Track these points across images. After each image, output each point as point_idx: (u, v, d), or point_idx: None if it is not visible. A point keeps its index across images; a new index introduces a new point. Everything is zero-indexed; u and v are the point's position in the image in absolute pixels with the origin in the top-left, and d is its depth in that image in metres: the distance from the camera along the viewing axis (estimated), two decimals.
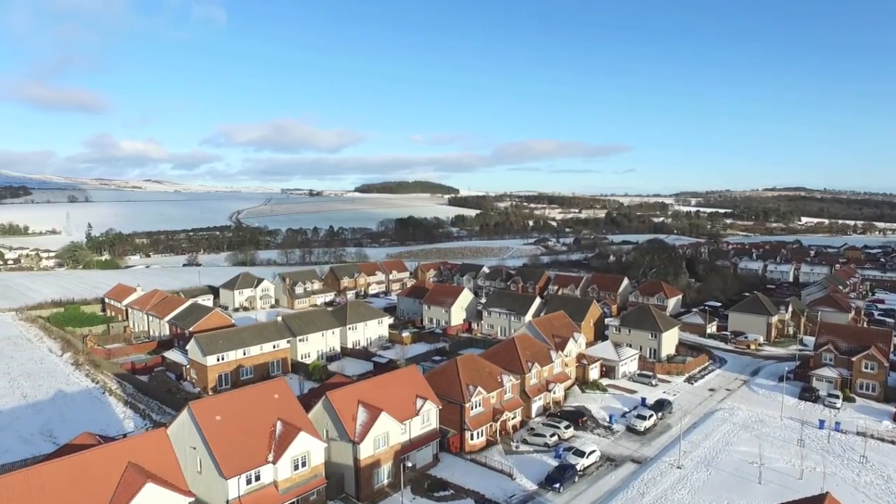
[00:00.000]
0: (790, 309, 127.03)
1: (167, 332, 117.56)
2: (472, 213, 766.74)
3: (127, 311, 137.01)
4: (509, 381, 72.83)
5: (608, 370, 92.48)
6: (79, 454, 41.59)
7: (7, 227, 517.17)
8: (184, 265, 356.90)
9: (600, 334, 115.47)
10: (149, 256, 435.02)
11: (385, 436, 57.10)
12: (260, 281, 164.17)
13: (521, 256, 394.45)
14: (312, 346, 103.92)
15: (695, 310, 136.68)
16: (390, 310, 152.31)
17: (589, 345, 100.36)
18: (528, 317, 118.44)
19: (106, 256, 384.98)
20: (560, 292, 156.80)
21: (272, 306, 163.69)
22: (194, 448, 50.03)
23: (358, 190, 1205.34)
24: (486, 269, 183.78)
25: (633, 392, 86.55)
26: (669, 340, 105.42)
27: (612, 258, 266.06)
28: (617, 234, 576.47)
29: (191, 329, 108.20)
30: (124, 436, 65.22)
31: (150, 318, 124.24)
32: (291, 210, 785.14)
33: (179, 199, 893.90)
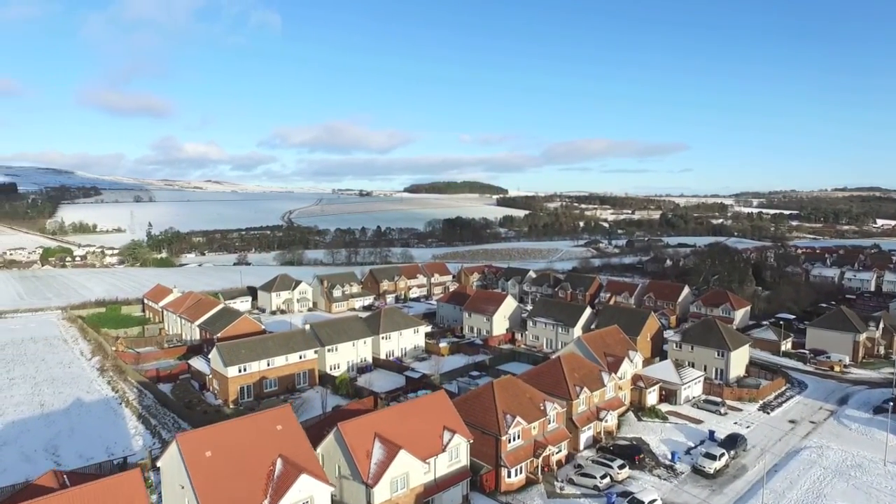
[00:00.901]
0: (881, 325, 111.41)
1: (197, 337, 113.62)
2: (520, 213, 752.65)
3: (163, 312, 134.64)
4: (554, 408, 63.32)
5: (668, 394, 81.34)
6: None
7: (78, 225, 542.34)
8: (234, 264, 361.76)
9: (658, 351, 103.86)
10: (203, 255, 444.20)
11: (404, 477, 48.91)
12: (298, 283, 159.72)
13: (571, 259, 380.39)
14: (342, 357, 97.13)
15: (765, 323, 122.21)
16: (430, 315, 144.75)
17: (646, 364, 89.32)
18: (578, 329, 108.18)
19: (164, 255, 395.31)
20: (613, 300, 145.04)
21: (309, 309, 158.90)
22: (182, 487, 43.28)
23: (407, 190, 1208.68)
24: (532, 274, 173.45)
25: (699, 422, 75.15)
26: (739, 360, 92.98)
27: (668, 262, 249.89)
28: (672, 236, 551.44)
29: (218, 335, 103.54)
30: (105, 464, 59.93)
31: (183, 321, 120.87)
32: (341, 210, 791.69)
33: (235, 199, 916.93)
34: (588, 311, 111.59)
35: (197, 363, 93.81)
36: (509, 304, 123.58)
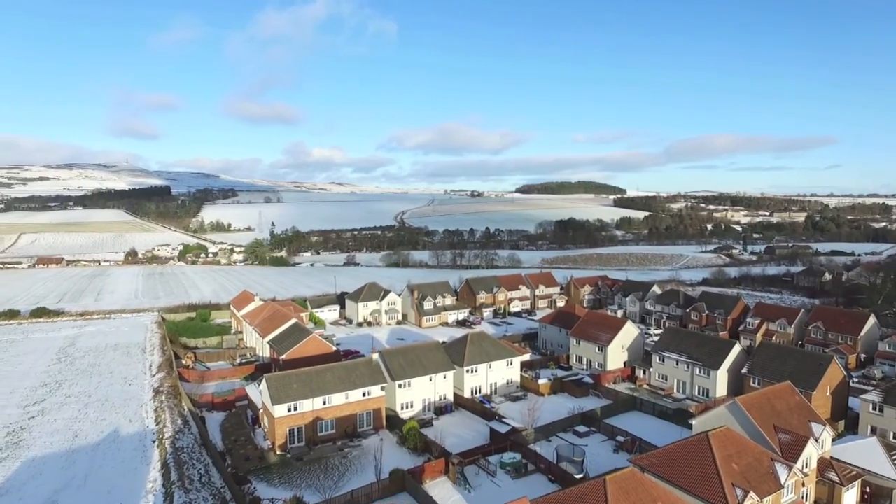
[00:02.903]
0: None
1: (267, 355, 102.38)
2: (639, 214, 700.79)
3: (243, 322, 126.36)
4: None
5: (878, 494, 54.69)
6: None
7: (215, 224, 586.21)
8: (343, 264, 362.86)
9: (841, 413, 75.40)
10: (318, 254, 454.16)
11: None
12: (386, 293, 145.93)
13: (698, 266, 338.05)
14: (416, 394, 79.88)
15: None
16: (531, 337, 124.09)
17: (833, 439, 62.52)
18: (722, 372, 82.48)
19: (282, 253, 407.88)
20: (764, 329, 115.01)
21: (398, 322, 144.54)
22: None
23: (519, 191, 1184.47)
24: (656, 290, 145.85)
25: None
26: None
27: (826, 276, 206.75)
28: (822, 241, 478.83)
29: (283, 356, 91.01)
30: None
31: (256, 335, 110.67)
32: (452, 210, 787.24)
33: (354, 200, 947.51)
34: (737, 348, 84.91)
35: (252, 391, 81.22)
36: (629, 332, 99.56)
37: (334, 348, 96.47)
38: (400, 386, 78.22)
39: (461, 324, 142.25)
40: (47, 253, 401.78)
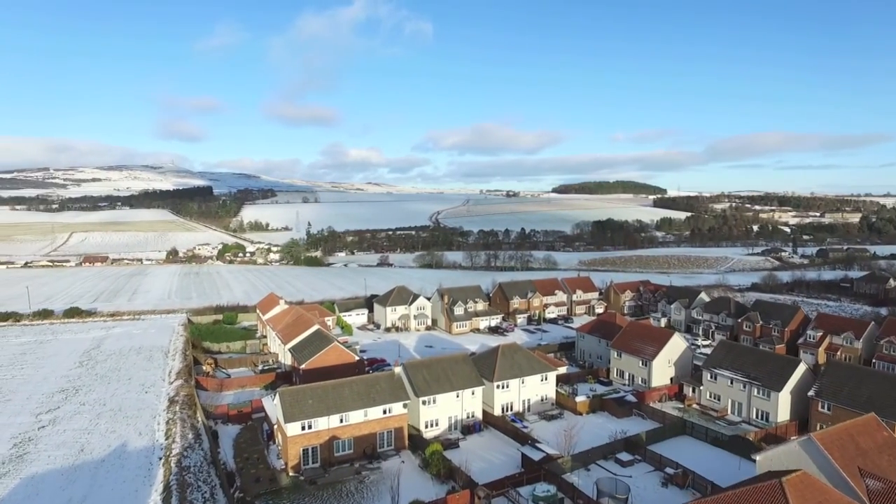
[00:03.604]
0: None
1: (289, 362, 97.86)
2: (680, 215, 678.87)
3: (268, 327, 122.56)
4: None
5: None
6: None
7: (254, 224, 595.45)
8: (377, 264, 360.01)
9: None
10: (352, 254, 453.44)
11: None
12: (415, 297, 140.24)
13: (745, 270, 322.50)
14: (442, 411, 73.60)
15: None
16: (568, 346, 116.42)
17: None
18: (784, 393, 73.53)
19: (317, 253, 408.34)
20: (828, 343, 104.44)
21: (427, 328, 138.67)
22: None
23: (555, 191, 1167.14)
24: (704, 297, 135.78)
25: None
26: None
27: (892, 281, 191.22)
28: (879, 244, 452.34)
29: (303, 366, 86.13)
30: None
31: (279, 341, 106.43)
32: (487, 211, 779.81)
33: (389, 200, 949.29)
34: (802, 367, 75.65)
35: (267, 404, 76.57)
36: (676, 346, 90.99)
37: (357, 357, 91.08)
38: (424, 402, 72.10)
39: (493, 330, 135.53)
40: (95, 251, 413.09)
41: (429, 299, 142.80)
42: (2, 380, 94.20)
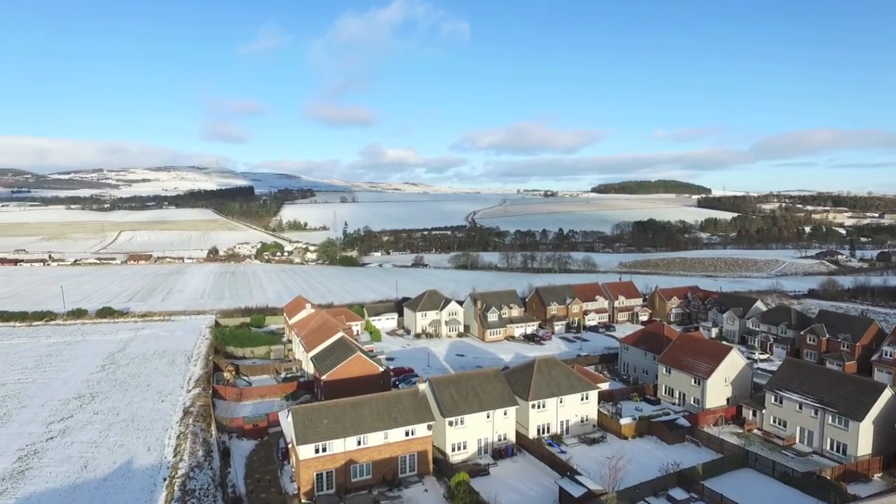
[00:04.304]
0: None
1: (311, 371, 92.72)
2: (726, 216, 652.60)
3: (293, 332, 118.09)
4: None
5: None
6: None
7: (292, 223, 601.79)
8: (412, 265, 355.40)
9: None
10: (388, 254, 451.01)
11: None
12: (447, 302, 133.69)
13: (797, 274, 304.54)
14: (471, 433, 66.79)
15: None
16: (611, 358, 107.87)
17: None
18: (866, 424, 63.75)
19: (353, 253, 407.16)
20: None
21: (459, 334, 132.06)
22: None
23: (594, 190, 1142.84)
24: (760, 306, 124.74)
25: None
26: None
27: None
28: None
29: (324, 377, 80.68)
30: None
31: (303, 347, 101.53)
32: (525, 211, 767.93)
33: (426, 200, 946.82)
34: (887, 393, 65.50)
35: (283, 419, 71.19)
36: (734, 363, 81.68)
37: (381, 369, 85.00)
38: (451, 423, 65.46)
39: (529, 338, 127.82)
40: (141, 249, 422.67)
41: (461, 304, 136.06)
42: (23, 384, 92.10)
